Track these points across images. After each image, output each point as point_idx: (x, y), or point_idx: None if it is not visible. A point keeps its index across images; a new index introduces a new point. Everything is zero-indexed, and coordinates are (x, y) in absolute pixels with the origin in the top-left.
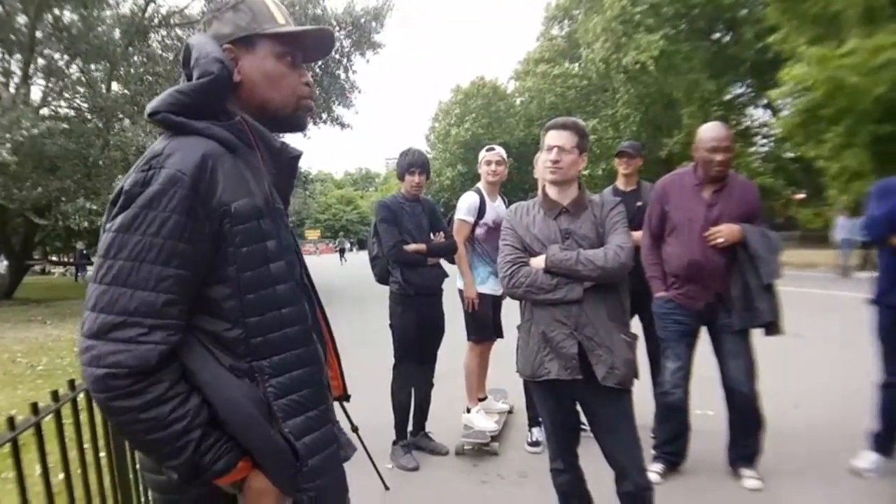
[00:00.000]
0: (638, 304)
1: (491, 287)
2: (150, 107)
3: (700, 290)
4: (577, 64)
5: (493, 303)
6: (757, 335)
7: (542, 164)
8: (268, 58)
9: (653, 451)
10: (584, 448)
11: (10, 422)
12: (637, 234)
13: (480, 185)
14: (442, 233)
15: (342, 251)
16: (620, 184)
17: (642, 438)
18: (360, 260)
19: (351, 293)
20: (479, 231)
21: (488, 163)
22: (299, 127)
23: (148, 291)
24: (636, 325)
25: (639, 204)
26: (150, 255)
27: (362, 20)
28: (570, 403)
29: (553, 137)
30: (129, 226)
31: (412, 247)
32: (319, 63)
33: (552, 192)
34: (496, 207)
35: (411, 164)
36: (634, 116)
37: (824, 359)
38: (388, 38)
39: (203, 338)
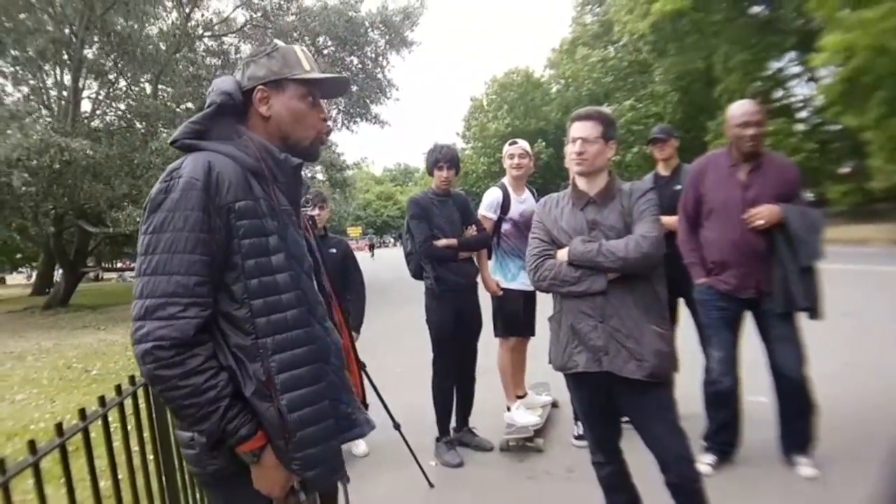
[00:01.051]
0: (676, 290)
1: (522, 283)
2: (172, 137)
3: (741, 276)
4: (612, 47)
5: (525, 299)
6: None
7: (569, 157)
8: (293, 98)
9: (703, 442)
10: (628, 440)
11: (59, 427)
12: (670, 220)
13: (505, 179)
14: (474, 226)
15: (371, 246)
16: (661, 169)
17: (692, 428)
18: (389, 254)
19: (388, 288)
20: (506, 227)
21: (511, 156)
22: (312, 157)
23: (181, 275)
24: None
25: (676, 188)
26: (179, 246)
27: (395, 19)
28: (604, 396)
29: (577, 129)
30: (161, 226)
31: (443, 242)
32: (357, 63)
33: (580, 182)
34: (523, 202)
35: (437, 159)
36: (672, 96)
37: (880, 339)
38: (423, 37)
39: (219, 318)
